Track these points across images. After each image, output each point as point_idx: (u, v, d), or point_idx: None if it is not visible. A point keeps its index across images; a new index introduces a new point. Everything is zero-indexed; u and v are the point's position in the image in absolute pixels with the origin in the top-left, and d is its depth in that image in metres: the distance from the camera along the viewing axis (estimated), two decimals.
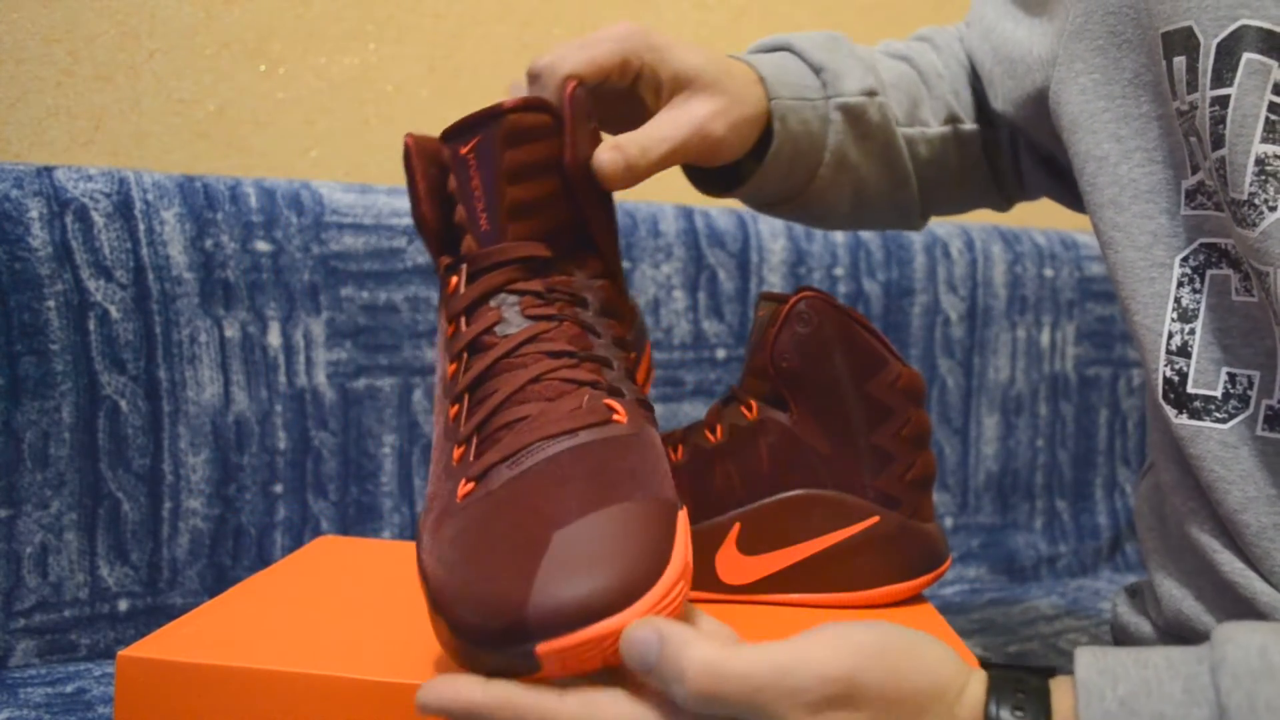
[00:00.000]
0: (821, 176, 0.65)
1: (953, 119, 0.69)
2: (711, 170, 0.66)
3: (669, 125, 0.57)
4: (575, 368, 0.49)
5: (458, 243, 0.54)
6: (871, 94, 0.65)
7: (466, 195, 0.52)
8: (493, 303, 0.51)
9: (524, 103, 0.51)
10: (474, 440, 0.48)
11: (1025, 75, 0.62)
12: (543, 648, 0.40)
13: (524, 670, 0.41)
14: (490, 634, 0.40)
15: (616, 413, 0.48)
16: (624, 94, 0.59)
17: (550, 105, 0.52)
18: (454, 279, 0.53)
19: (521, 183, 0.52)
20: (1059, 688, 0.40)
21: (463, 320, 0.52)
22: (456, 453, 0.48)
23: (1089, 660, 0.39)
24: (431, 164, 0.54)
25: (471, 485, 0.47)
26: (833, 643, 0.39)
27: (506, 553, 0.42)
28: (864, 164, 0.66)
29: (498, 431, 0.48)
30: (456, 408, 0.50)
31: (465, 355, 0.51)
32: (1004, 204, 0.76)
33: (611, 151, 0.54)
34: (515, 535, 0.43)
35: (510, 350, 0.50)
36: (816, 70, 0.64)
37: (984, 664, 0.41)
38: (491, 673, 0.41)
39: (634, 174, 0.55)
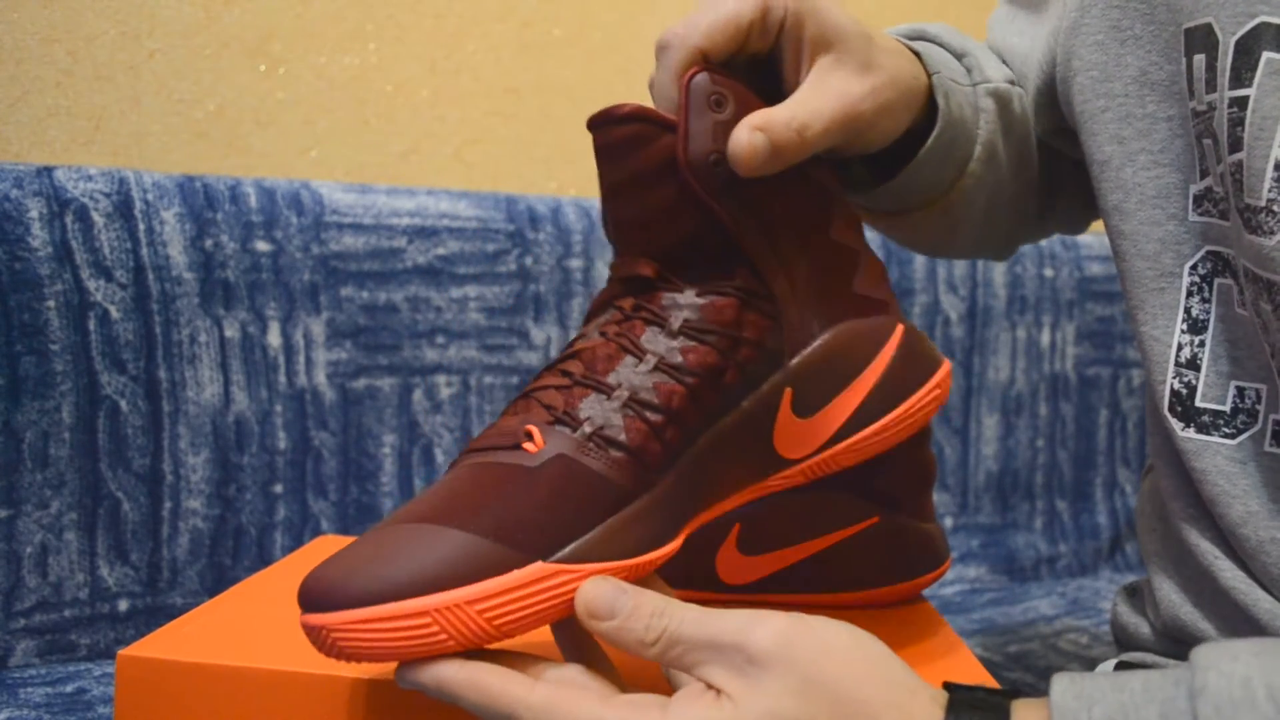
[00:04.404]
0: (971, 173, 0.56)
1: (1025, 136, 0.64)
2: None
3: (819, 98, 0.47)
4: (561, 390, 0.47)
5: None
6: (1013, 83, 0.59)
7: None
8: (599, 314, 0.49)
9: (618, 115, 0.46)
10: None
11: (1028, 85, 0.60)
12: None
13: None
14: None
15: (532, 441, 0.45)
16: (759, 59, 0.49)
17: (650, 115, 0.46)
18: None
19: (624, 199, 0.48)
20: (1021, 708, 0.39)
21: (586, 323, 0.50)
22: None
23: (1064, 685, 0.38)
24: None
25: None
26: (798, 631, 0.40)
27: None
28: (1006, 162, 0.59)
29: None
30: None
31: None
32: (1083, 222, 0.70)
33: (751, 133, 0.45)
34: (380, 524, 0.44)
35: (553, 363, 0.49)
36: (959, 55, 0.58)
37: (946, 686, 0.41)
38: None
39: (782, 158, 0.46)
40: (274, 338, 0.84)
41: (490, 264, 0.90)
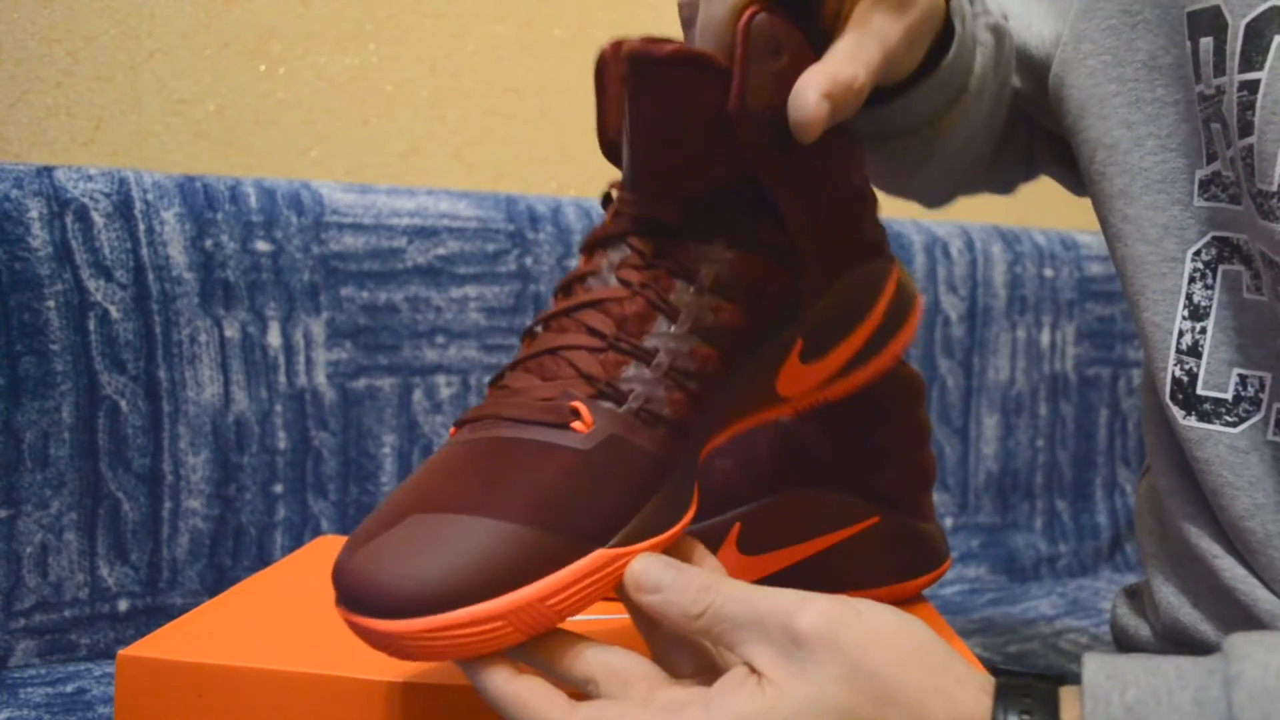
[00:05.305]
0: (960, 104, 0.55)
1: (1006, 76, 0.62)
2: None
3: (867, 48, 0.45)
4: (596, 353, 0.44)
5: None
6: (1005, 19, 0.58)
7: (622, 127, 0.45)
8: (608, 249, 0.46)
9: (672, 56, 0.42)
10: (492, 385, 0.46)
11: (1025, 61, 0.60)
12: (340, 611, 0.41)
13: None
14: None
15: (580, 419, 0.43)
16: None
17: (704, 60, 0.43)
18: (611, 206, 0.47)
19: (656, 142, 0.44)
20: (1068, 695, 0.39)
21: (583, 256, 0.47)
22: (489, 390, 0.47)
23: (1097, 665, 0.38)
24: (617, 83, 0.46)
25: (453, 431, 0.45)
26: (844, 615, 0.39)
27: (382, 515, 0.42)
28: (988, 100, 0.58)
29: (494, 389, 0.45)
30: (525, 342, 0.47)
31: (560, 294, 0.47)
32: (1021, 177, 0.70)
33: (820, 102, 0.43)
34: (398, 502, 0.42)
35: (568, 310, 0.45)
36: None
37: (992, 670, 0.40)
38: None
39: (837, 119, 0.44)
40: (274, 338, 0.84)
41: (490, 264, 0.90)
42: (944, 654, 0.39)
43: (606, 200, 0.48)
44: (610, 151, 0.47)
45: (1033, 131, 0.67)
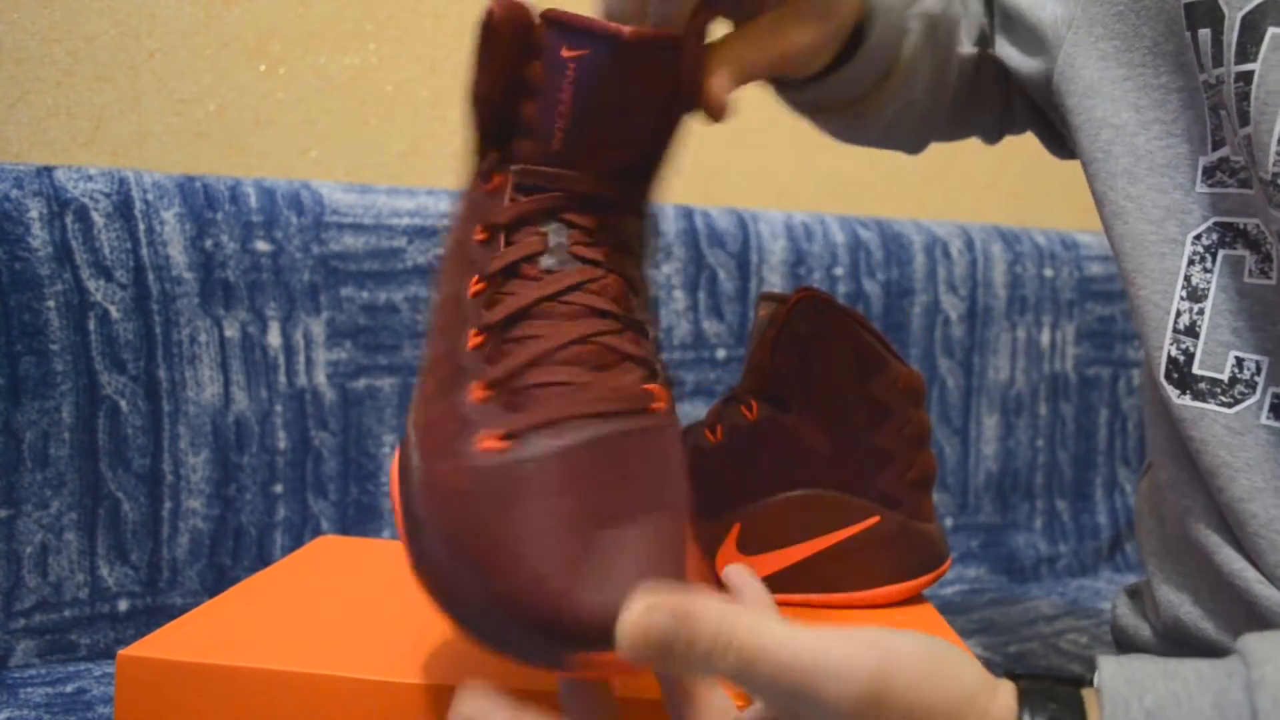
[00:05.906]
0: (885, 88, 0.58)
1: (983, 40, 0.64)
2: None
3: (773, 46, 0.49)
4: (620, 334, 0.44)
5: (510, 134, 0.46)
6: (949, 5, 0.60)
7: (549, 102, 0.44)
8: (542, 227, 0.45)
9: (653, 39, 0.43)
10: (501, 388, 0.43)
11: (1034, 40, 0.60)
12: (577, 656, 0.37)
13: (545, 667, 0.38)
14: (519, 626, 0.37)
15: (657, 399, 0.44)
16: None
17: (671, 41, 0.44)
18: (496, 178, 0.46)
19: (617, 119, 0.45)
20: (1091, 699, 0.38)
21: (503, 235, 0.45)
22: (477, 392, 0.43)
23: (1113, 669, 0.38)
24: (513, 41, 0.45)
25: (504, 444, 0.41)
26: (866, 642, 0.38)
27: (549, 541, 0.38)
28: (921, 82, 0.61)
29: (532, 389, 0.43)
30: (482, 338, 0.44)
31: (499, 279, 0.45)
32: (997, 135, 0.71)
33: (731, 90, 0.47)
34: (561, 523, 0.39)
35: (555, 294, 0.44)
36: None
37: (1011, 675, 0.40)
38: (509, 657, 0.39)
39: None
40: (274, 338, 0.84)
41: None
42: (959, 660, 0.39)
43: (495, 167, 0.47)
44: (485, 112, 0.46)
45: (1009, 93, 0.67)
